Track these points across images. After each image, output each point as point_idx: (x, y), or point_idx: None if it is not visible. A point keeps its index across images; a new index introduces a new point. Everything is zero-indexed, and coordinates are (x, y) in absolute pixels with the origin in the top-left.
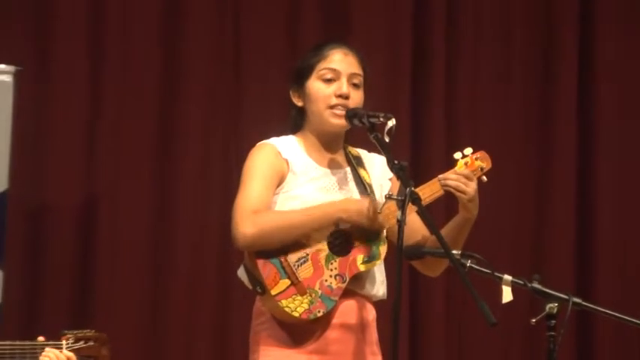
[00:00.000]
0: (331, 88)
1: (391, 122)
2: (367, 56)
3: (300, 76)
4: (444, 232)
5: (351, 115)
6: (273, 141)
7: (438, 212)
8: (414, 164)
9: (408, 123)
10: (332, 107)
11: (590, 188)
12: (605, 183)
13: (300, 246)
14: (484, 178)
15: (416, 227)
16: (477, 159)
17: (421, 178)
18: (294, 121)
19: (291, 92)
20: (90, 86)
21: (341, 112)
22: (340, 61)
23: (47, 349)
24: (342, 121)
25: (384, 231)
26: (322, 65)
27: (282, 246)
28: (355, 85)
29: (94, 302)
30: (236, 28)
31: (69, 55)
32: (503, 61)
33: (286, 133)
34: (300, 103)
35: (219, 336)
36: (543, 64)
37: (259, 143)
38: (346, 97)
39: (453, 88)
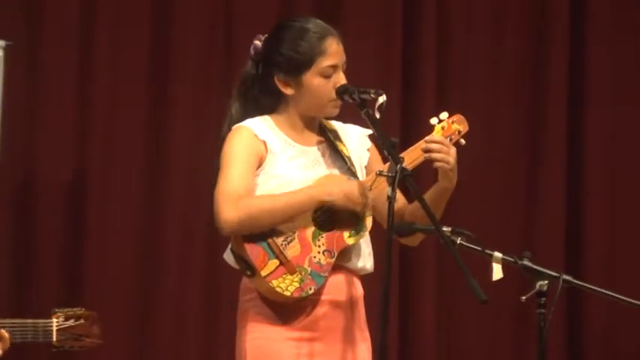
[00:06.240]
0: (331, 83)
1: (382, 98)
2: (358, 41)
3: (297, 67)
4: None
5: (341, 91)
6: (249, 123)
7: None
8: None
9: (399, 101)
10: (333, 100)
11: (581, 164)
12: (595, 160)
13: (285, 225)
14: (462, 141)
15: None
16: (453, 122)
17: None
18: (260, 102)
19: (276, 79)
20: (80, 67)
21: (339, 102)
22: (337, 53)
23: None
24: (338, 109)
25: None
26: (324, 62)
27: (267, 229)
28: (344, 72)
29: (84, 283)
30: (228, 17)
31: (60, 28)
32: (493, 48)
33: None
34: (289, 92)
35: (210, 315)
36: (534, 55)
37: (235, 127)
38: None
39: (443, 67)
